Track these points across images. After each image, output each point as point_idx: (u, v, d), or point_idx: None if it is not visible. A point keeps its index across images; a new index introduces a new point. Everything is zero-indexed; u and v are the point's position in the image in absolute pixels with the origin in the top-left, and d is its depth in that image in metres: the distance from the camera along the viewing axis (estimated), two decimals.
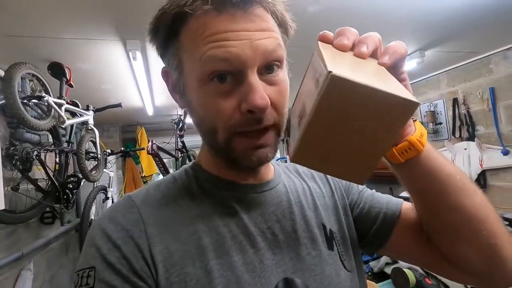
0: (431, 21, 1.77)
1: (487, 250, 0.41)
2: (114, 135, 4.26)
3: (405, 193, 0.45)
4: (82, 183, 2.12)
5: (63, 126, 1.81)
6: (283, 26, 0.42)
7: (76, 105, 2.01)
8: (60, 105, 1.70)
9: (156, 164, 2.92)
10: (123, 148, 3.12)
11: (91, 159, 2.18)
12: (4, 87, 1.31)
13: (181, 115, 2.91)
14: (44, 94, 1.58)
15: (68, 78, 1.89)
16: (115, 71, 2.21)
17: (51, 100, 1.61)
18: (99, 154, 2.21)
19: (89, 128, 2.13)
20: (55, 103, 1.64)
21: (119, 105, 2.36)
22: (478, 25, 1.86)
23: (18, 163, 1.50)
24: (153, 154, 2.59)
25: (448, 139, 2.77)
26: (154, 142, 2.59)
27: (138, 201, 0.44)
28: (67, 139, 2.07)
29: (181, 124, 2.91)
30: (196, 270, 0.38)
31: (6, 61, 1.44)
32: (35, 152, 1.56)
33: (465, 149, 2.58)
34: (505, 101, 2.35)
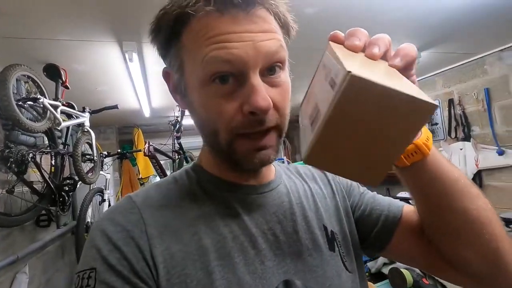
0: (427, 22, 1.79)
1: (489, 253, 0.41)
2: (111, 136, 4.24)
3: (402, 194, 0.45)
4: (78, 186, 2.11)
5: (59, 128, 1.79)
6: (285, 27, 0.42)
7: (72, 107, 2.00)
8: (55, 107, 1.69)
9: (153, 166, 2.90)
10: (119, 150, 3.11)
11: (87, 161, 2.17)
12: None
13: (178, 116, 2.90)
14: (40, 96, 1.57)
15: (63, 79, 1.89)
16: (111, 72, 2.20)
17: (47, 102, 1.60)
18: (95, 156, 2.20)
19: (85, 130, 2.12)
20: (51, 105, 1.63)
21: (116, 106, 2.35)
22: (473, 26, 1.88)
23: (13, 165, 1.48)
24: (150, 156, 2.58)
25: (444, 139, 2.79)
26: (151, 143, 2.58)
27: (139, 201, 0.43)
28: (63, 141, 2.06)
29: (178, 126, 2.89)
30: (197, 271, 0.38)
31: (1, 62, 1.43)
32: (31, 155, 1.55)
33: (461, 149, 2.60)
34: (499, 101, 2.37)
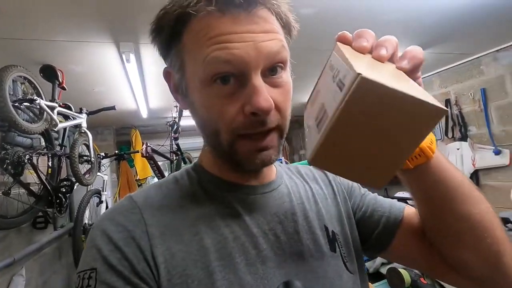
0: (424, 23, 1.80)
1: (490, 256, 0.41)
2: (108, 138, 4.22)
3: (400, 194, 0.45)
4: (75, 187, 2.10)
5: (56, 130, 1.78)
6: (286, 27, 0.41)
7: (69, 108, 1.99)
8: (52, 108, 1.68)
9: (150, 167, 2.89)
10: (117, 151, 3.10)
11: (84, 163, 2.15)
12: None
13: (175, 117, 2.89)
14: (36, 97, 1.55)
15: (60, 80, 1.87)
16: (108, 73, 2.20)
17: (43, 103, 1.59)
18: (92, 157, 2.19)
19: (83, 131, 2.11)
20: (47, 106, 1.62)
21: (113, 107, 2.34)
22: (469, 27, 1.90)
23: (10, 167, 1.47)
24: (148, 157, 2.57)
25: (441, 139, 2.80)
26: (148, 144, 2.57)
27: (140, 201, 0.43)
28: (60, 142, 2.05)
29: (175, 127, 2.89)
30: (198, 272, 0.38)
31: None
32: (27, 156, 1.54)
33: (458, 149, 2.61)
34: (496, 101, 2.39)
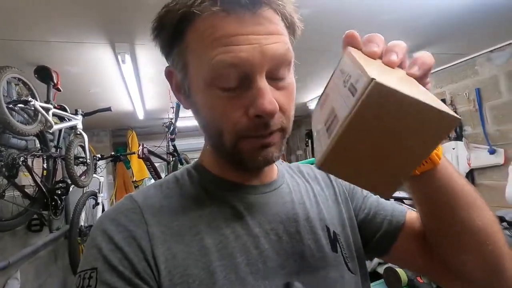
0: (419, 23, 1.81)
1: (490, 262, 0.42)
2: (104, 139, 4.20)
3: (396, 193, 0.44)
4: (71, 189, 2.08)
5: (51, 131, 1.77)
6: (291, 27, 0.41)
7: (64, 109, 1.97)
8: (47, 110, 1.67)
9: (147, 168, 2.88)
10: (113, 152, 3.08)
11: (80, 164, 2.14)
12: None
13: (172, 118, 2.87)
14: (31, 98, 1.54)
15: (55, 82, 1.86)
16: (104, 74, 2.18)
17: (38, 104, 1.57)
18: (88, 159, 2.17)
19: (78, 132, 2.10)
20: (42, 107, 1.61)
21: (109, 109, 2.32)
22: (463, 28, 1.91)
23: (4, 169, 1.46)
24: (144, 158, 2.56)
25: None
26: (145, 146, 2.56)
27: (140, 201, 0.43)
28: (55, 144, 2.03)
29: (172, 128, 2.87)
30: (199, 272, 0.38)
31: None
32: (22, 158, 1.53)
33: (453, 148, 2.63)
34: (490, 101, 2.41)
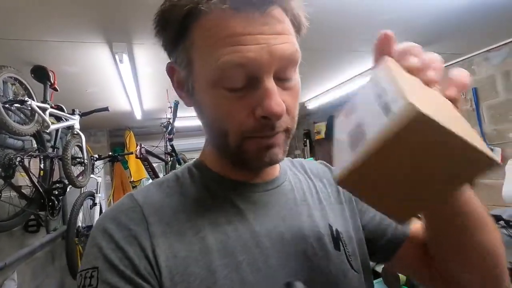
0: (418, 23, 1.82)
1: (490, 278, 0.43)
2: (102, 139, 4.19)
3: None
4: (68, 189, 2.07)
5: (48, 131, 1.76)
6: (298, 26, 0.41)
7: (61, 109, 1.96)
8: (44, 110, 1.66)
9: (145, 168, 2.87)
10: (111, 152, 3.07)
11: (77, 165, 2.13)
12: None
13: (170, 118, 2.86)
14: (27, 98, 1.53)
15: (52, 81, 1.85)
16: (101, 74, 2.18)
17: (35, 104, 1.56)
18: (85, 159, 2.16)
19: (75, 132, 2.09)
20: (39, 107, 1.60)
21: (106, 109, 2.31)
22: (460, 27, 1.93)
23: (0, 169, 1.45)
24: (142, 158, 2.55)
25: None
26: (142, 146, 2.55)
27: (141, 200, 0.42)
28: (52, 144, 2.02)
29: (170, 128, 2.87)
30: (200, 270, 0.37)
31: None
32: (18, 158, 1.52)
33: None
34: (487, 101, 2.42)
